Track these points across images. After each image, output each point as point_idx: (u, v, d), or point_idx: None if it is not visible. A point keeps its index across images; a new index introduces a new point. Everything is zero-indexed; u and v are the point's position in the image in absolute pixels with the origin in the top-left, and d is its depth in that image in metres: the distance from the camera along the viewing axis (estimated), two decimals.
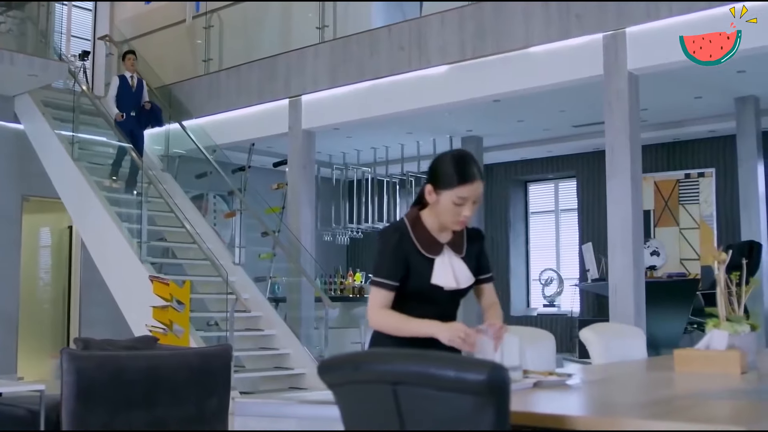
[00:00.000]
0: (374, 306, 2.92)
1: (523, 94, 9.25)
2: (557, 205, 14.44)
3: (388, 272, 2.89)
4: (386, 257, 2.91)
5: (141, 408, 5.69)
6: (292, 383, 9.66)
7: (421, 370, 1.84)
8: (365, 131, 12.17)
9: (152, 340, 6.13)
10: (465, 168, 2.88)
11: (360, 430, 2.02)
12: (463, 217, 2.88)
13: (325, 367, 2.12)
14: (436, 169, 2.93)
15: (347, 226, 13.84)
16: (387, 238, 2.96)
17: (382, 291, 2.90)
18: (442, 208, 2.88)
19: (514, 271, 14.45)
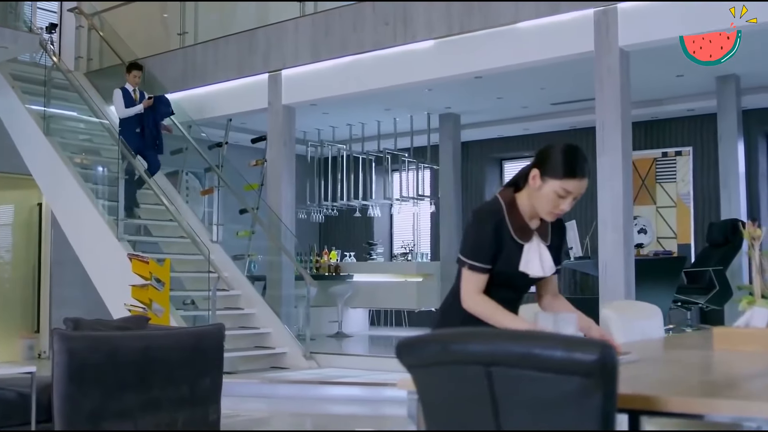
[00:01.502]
0: (470, 290, 2.91)
1: (509, 70, 9.15)
2: None
3: (486, 256, 2.88)
4: (483, 240, 2.88)
5: (135, 389, 5.52)
6: (273, 363, 9.54)
7: (523, 350, 1.73)
8: (342, 107, 12.01)
9: (143, 320, 5.96)
10: (578, 162, 2.86)
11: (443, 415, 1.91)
12: (560, 210, 2.87)
13: (407, 347, 1.99)
14: (548, 156, 2.89)
15: (322, 204, 13.69)
16: (485, 220, 2.91)
17: (478, 275, 2.89)
18: (542, 196, 2.85)
19: None
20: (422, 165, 13.20)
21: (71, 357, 5.25)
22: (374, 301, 13.03)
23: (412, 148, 13.13)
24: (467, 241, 2.94)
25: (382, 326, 14.21)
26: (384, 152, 13.27)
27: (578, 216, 12.66)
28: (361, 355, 9.99)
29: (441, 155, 12.87)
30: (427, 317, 13.70)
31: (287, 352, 9.60)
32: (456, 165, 12.78)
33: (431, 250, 14.24)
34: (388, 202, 13.85)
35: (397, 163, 13.32)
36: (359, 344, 11.96)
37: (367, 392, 8.17)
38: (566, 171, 2.81)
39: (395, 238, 15.61)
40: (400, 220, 15.33)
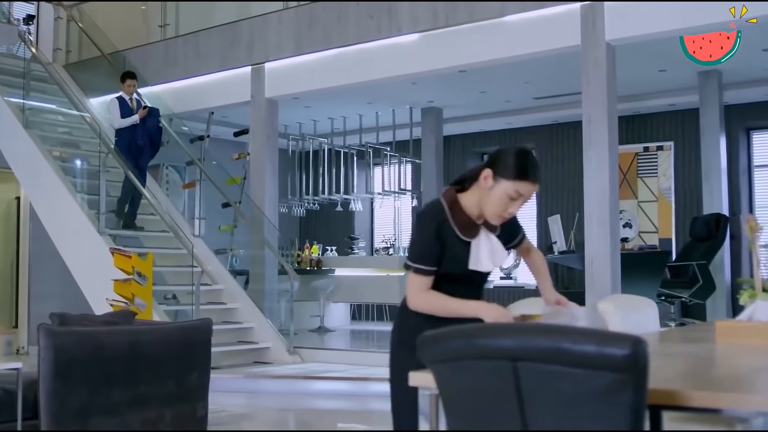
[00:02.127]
0: (415, 291, 2.90)
1: (494, 64, 9.13)
2: None
3: (429, 259, 2.87)
4: (425, 242, 2.88)
5: (122, 386, 5.45)
6: (257, 357, 9.47)
7: (552, 344, 1.70)
8: (324, 101, 11.95)
9: (130, 315, 5.89)
10: (532, 165, 2.83)
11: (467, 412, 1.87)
12: (508, 213, 2.84)
13: (430, 342, 1.95)
14: (502, 158, 2.85)
15: (303, 198, 13.62)
16: (425, 222, 2.91)
17: (422, 277, 2.88)
18: (493, 197, 2.80)
19: None
20: (404, 159, 13.17)
21: (58, 353, 5.16)
22: (356, 296, 12.99)
23: (395, 142, 13.08)
24: (411, 245, 2.96)
25: (364, 321, 14.17)
26: (366, 146, 13.22)
27: (562, 210, 12.71)
28: (345, 350, 9.95)
29: (423, 149, 12.85)
30: None
31: (270, 346, 9.53)
32: (438, 159, 12.77)
33: None
34: (370, 196, 13.82)
35: (379, 157, 13.28)
36: (342, 339, 11.92)
37: (352, 387, 8.13)
38: (520, 173, 2.77)
39: (376, 233, 15.57)
40: (381, 214, 15.29)
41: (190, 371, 5.85)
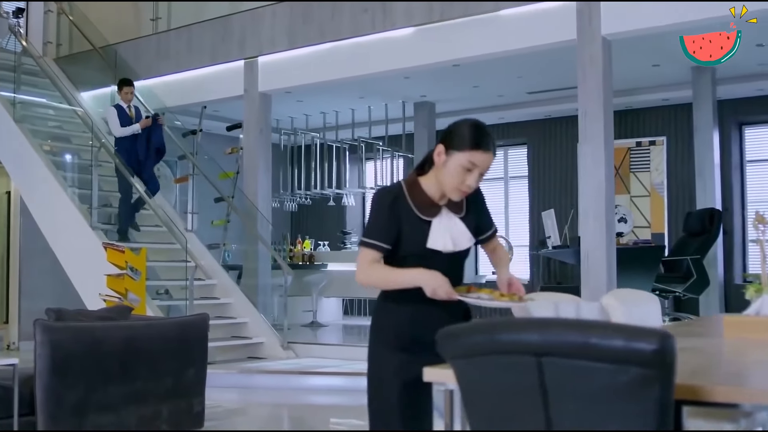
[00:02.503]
0: (361, 264, 2.81)
1: (489, 58, 9.11)
2: (506, 172, 14.40)
3: (379, 234, 2.80)
4: (378, 218, 2.82)
5: (118, 381, 5.42)
6: (250, 353, 9.44)
7: (579, 339, 1.67)
8: (317, 95, 11.91)
9: (126, 310, 5.84)
10: (483, 135, 2.76)
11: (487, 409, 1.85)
12: (466, 186, 2.76)
13: (450, 337, 1.92)
14: (453, 131, 2.80)
15: (295, 193, 13.58)
16: (380, 199, 2.86)
17: (371, 251, 2.80)
18: (448, 171, 2.74)
19: None
20: (397, 154, 13.14)
21: (54, 348, 5.13)
22: (349, 291, 12.95)
23: (387, 137, 13.05)
24: (368, 221, 2.90)
25: (356, 315, 14.16)
26: (358, 140, 13.19)
27: (556, 205, 12.72)
28: (339, 345, 9.93)
29: (416, 144, 12.82)
30: None
31: (264, 342, 9.50)
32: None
33: None
34: (362, 190, 13.79)
35: (371, 151, 13.24)
36: (335, 334, 11.90)
37: (348, 382, 8.09)
38: (472, 143, 2.72)
39: None
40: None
41: (187, 367, 5.83)
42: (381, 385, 2.73)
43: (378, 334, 2.86)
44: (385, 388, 2.68)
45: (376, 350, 2.84)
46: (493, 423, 1.84)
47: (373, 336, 2.89)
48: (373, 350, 2.87)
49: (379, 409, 2.75)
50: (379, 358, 2.80)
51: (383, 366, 2.71)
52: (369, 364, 2.88)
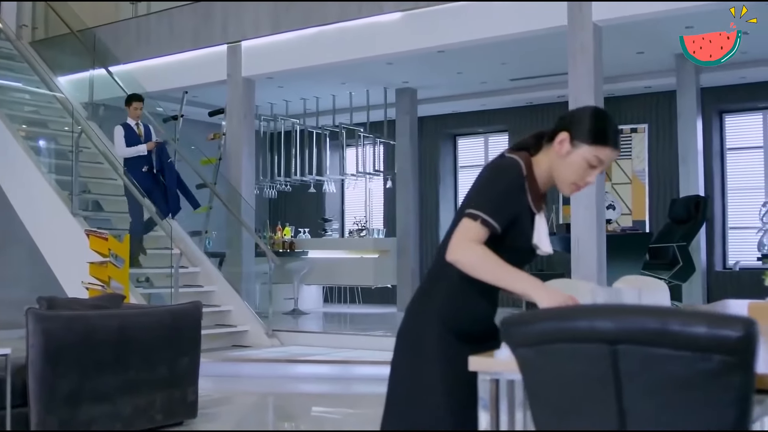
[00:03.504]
0: (466, 238, 2.40)
1: (477, 44, 9.06)
2: (487, 159, 14.33)
3: (499, 213, 2.41)
4: (499, 194, 2.44)
5: (112, 371, 5.32)
6: (235, 341, 9.35)
7: (658, 326, 1.61)
8: (298, 81, 11.80)
9: (118, 299, 5.73)
10: (615, 130, 2.49)
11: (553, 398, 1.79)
12: (585, 182, 2.51)
13: (517, 324, 1.84)
14: (580, 119, 2.48)
15: (275, 179, 13.46)
16: (505, 174, 2.48)
17: (482, 229, 2.39)
18: (570, 163, 2.45)
19: (443, 225, 14.37)
20: (378, 140, 13.06)
21: (47, 337, 5.02)
22: (330, 278, 12.89)
23: (369, 123, 12.97)
24: (484, 194, 2.46)
25: (336, 303, 14.08)
26: (339, 127, 13.08)
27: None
28: (324, 333, 9.86)
29: (398, 130, 12.75)
30: (383, 294, 13.62)
31: (249, 330, 9.41)
32: (413, 140, 12.68)
33: (386, 226, 14.13)
34: (343, 177, 13.70)
35: (352, 138, 13.15)
36: (317, 321, 11.83)
37: (336, 370, 8.05)
38: (603, 137, 2.43)
39: (347, 214, 15.46)
40: (351, 195, 15.19)
41: (181, 356, 5.74)
42: (425, 374, 2.51)
43: (428, 320, 2.55)
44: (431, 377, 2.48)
45: (425, 337, 2.55)
46: (560, 414, 1.78)
47: (419, 322, 2.59)
48: (419, 337, 2.57)
49: (423, 400, 2.51)
50: (428, 347, 2.52)
51: (432, 355, 2.48)
52: (412, 350, 2.59)
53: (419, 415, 2.53)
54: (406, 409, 2.58)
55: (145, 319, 5.62)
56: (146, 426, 5.48)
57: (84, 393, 5.14)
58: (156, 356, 5.57)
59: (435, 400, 2.48)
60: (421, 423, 2.52)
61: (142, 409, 5.47)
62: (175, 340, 5.73)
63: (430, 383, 2.50)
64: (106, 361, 5.28)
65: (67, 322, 5.15)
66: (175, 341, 5.73)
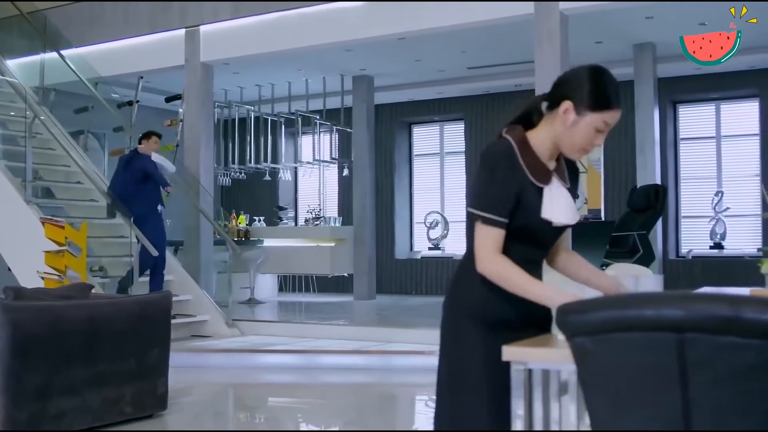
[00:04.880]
0: (487, 249, 2.40)
1: (440, 32, 9.01)
2: (442, 148, 14.36)
3: (500, 206, 2.40)
4: (497, 188, 2.41)
5: (81, 363, 5.17)
6: (194, 331, 9.19)
7: (728, 313, 1.56)
8: (255, 67, 11.64)
9: (87, 288, 5.57)
10: (616, 89, 2.41)
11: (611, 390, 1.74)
12: (592, 146, 2.44)
13: (576, 312, 1.78)
14: (581, 84, 2.39)
15: (230, 167, 13.27)
16: (495, 163, 2.43)
17: (495, 230, 2.40)
18: (577, 131, 2.39)
19: (398, 214, 14.34)
20: (335, 127, 12.95)
21: (15, 329, 4.86)
22: (287, 267, 12.76)
23: (325, 110, 12.85)
24: (479, 191, 2.45)
25: (291, 292, 13.96)
26: (296, 114, 12.94)
27: None
28: (286, 322, 9.72)
29: (354, 118, 12.66)
30: (339, 282, 13.54)
31: (208, 319, 9.26)
32: (370, 128, 12.60)
33: (343, 214, 14.04)
34: (298, 165, 13.56)
35: (308, 125, 13.01)
36: (274, 311, 11.69)
37: (301, 360, 7.95)
38: (607, 101, 2.37)
39: (301, 203, 15.33)
40: (305, 184, 15.06)
41: (151, 347, 5.61)
42: (464, 363, 2.47)
43: (461, 310, 2.54)
44: (470, 367, 2.43)
45: (458, 327, 2.53)
46: (619, 406, 1.73)
47: (453, 312, 2.57)
48: (454, 327, 2.54)
49: (460, 390, 2.47)
50: (462, 336, 2.50)
51: (467, 344, 2.44)
52: (448, 341, 2.56)
53: (456, 406, 2.51)
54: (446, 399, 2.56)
55: (115, 309, 5.48)
56: (116, 419, 5.35)
57: (53, 386, 4.99)
58: (126, 348, 5.43)
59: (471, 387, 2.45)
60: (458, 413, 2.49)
61: (111, 401, 5.33)
62: (145, 331, 5.60)
63: (463, 372, 2.49)
64: (76, 353, 5.13)
65: (36, 313, 4.99)
66: (144, 332, 5.59)
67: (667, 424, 1.68)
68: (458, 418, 2.47)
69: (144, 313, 5.64)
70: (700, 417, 1.65)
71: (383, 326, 9.37)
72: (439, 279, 13.84)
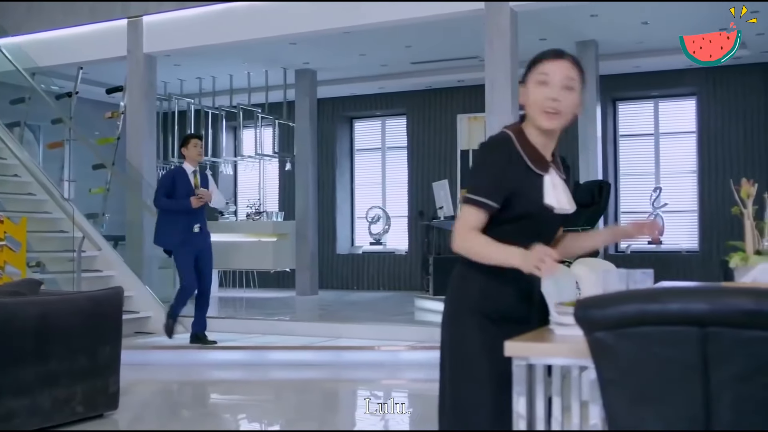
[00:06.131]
0: (462, 226, 2.46)
1: (389, 26, 9.00)
2: (384, 143, 14.35)
3: (489, 190, 2.45)
4: (489, 173, 2.48)
5: (32, 362, 5.01)
6: (138, 328, 9.01)
7: (753, 307, 1.56)
8: (197, 59, 11.46)
9: (36, 285, 5.40)
10: (553, 50, 2.58)
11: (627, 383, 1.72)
12: (548, 102, 2.47)
13: (596, 306, 1.76)
14: None
15: (169, 161, 13.04)
16: (491, 150, 2.53)
17: (477, 210, 2.45)
18: (530, 96, 2.52)
19: (340, 209, 14.28)
20: (277, 121, 12.83)
21: None
22: (228, 262, 12.59)
23: (267, 104, 12.72)
24: (475, 176, 2.52)
25: (231, 287, 13.80)
26: (238, 107, 12.77)
27: (435, 175, 12.78)
28: (232, 318, 9.60)
29: (297, 112, 12.56)
30: (280, 278, 13.44)
31: (152, 316, 9.10)
32: (312, 122, 12.52)
33: (284, 209, 13.92)
34: (239, 159, 13.40)
35: (250, 119, 12.87)
36: (214, 306, 11.52)
37: (250, 356, 7.86)
38: (536, 57, 2.57)
39: (241, 197, 15.16)
40: (245, 178, 14.90)
41: (103, 344, 5.48)
42: (467, 357, 2.46)
43: (462, 304, 2.54)
44: (473, 362, 2.43)
45: (460, 321, 2.52)
46: (639, 401, 1.72)
47: (454, 306, 2.58)
48: (456, 321, 2.54)
49: (464, 384, 2.47)
50: (465, 331, 2.50)
51: (470, 339, 2.44)
52: (450, 337, 2.56)
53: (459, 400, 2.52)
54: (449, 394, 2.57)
55: (66, 306, 5.32)
56: (67, 419, 5.19)
57: (2, 386, 4.82)
58: (78, 345, 5.28)
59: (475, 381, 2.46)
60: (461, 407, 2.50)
61: (63, 401, 5.17)
62: (96, 327, 5.46)
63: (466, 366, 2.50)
64: (27, 351, 4.97)
65: None
66: (96, 329, 5.46)
67: (688, 418, 1.68)
68: (462, 412, 2.46)
69: (96, 309, 5.50)
70: (721, 412, 1.66)
71: (329, 322, 9.34)
72: (380, 274, 13.84)
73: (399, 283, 13.65)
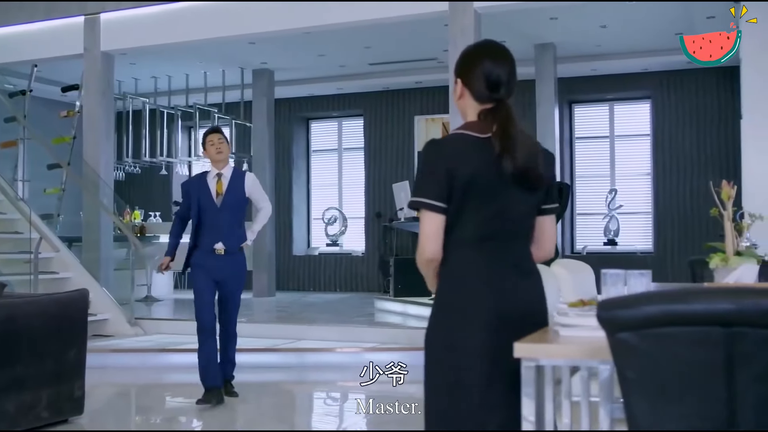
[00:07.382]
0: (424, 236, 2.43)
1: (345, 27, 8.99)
2: (341, 144, 14.30)
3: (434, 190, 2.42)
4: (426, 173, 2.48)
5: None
6: (96, 330, 8.81)
7: None
8: (152, 58, 11.32)
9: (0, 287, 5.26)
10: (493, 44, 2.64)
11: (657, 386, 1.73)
12: None
13: (616, 307, 1.76)
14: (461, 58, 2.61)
15: (124, 161, 12.85)
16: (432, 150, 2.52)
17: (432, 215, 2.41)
18: None
19: (296, 210, 14.21)
20: (234, 121, 12.71)
21: None
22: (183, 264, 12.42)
23: (224, 104, 12.60)
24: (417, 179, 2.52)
25: (187, 289, 13.61)
26: (194, 107, 12.63)
27: (392, 177, 12.79)
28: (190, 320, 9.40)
29: (254, 112, 12.47)
30: None
31: (110, 318, 8.94)
32: (270, 122, 12.44)
33: None
34: (194, 159, 13.25)
35: (207, 119, 12.73)
36: (171, 308, 11.40)
37: None
38: None
39: None
40: None
41: (68, 348, 5.39)
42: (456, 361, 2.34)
43: (451, 312, 2.42)
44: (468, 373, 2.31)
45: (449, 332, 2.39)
46: (662, 402, 1.73)
47: (442, 316, 2.44)
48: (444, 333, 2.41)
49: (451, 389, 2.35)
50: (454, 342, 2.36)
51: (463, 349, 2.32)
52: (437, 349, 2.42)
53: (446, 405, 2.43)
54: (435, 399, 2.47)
55: (32, 309, 5.21)
56: (32, 425, 5.08)
57: None
58: (43, 348, 5.17)
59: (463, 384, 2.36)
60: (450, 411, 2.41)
61: (28, 406, 5.06)
62: (63, 330, 5.36)
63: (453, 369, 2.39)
64: None
65: None
66: (63, 332, 5.35)
67: (711, 419, 1.69)
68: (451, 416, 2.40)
69: (62, 312, 5.41)
70: (744, 412, 1.67)
71: (288, 323, 9.29)
72: (337, 275, 13.80)
73: (356, 284, 13.63)
